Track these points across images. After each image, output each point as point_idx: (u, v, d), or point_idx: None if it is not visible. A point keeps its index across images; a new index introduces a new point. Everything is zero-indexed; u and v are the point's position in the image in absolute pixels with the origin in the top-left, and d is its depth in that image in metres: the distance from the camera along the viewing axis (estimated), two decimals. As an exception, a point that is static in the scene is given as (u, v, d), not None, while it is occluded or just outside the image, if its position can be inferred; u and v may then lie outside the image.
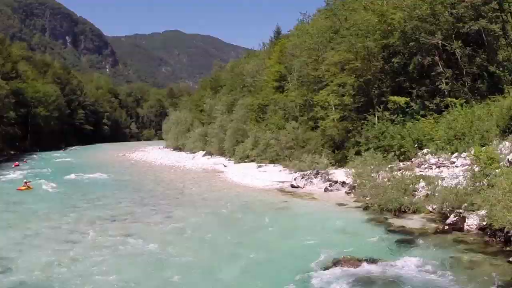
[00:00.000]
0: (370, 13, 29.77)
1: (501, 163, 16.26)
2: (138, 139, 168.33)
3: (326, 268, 10.78)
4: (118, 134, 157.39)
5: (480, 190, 13.66)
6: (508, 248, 11.23)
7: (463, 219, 13.72)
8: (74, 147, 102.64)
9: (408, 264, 10.80)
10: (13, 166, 44.96)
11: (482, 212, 13.25)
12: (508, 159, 16.56)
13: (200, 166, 41.40)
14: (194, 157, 51.60)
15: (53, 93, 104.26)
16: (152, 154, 64.10)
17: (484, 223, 12.91)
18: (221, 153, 47.18)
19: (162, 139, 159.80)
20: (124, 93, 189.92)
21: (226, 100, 52.59)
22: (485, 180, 14.78)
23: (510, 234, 11.24)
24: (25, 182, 28.64)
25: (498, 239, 11.96)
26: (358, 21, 29.89)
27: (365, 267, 10.60)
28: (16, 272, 11.96)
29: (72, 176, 34.04)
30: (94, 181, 32.06)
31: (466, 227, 13.54)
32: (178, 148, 68.04)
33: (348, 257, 11.14)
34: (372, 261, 10.98)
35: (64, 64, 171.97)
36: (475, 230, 13.19)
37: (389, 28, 28.85)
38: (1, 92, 70.36)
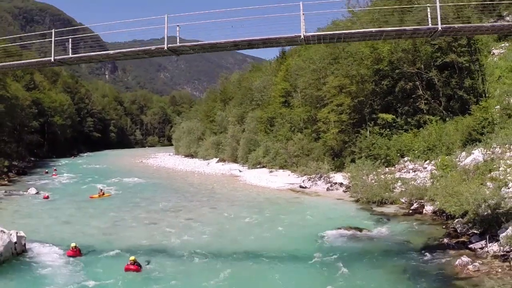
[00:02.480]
0: (363, 45, 36.38)
1: (458, 168, 22.78)
2: (143, 146, 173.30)
3: (329, 231, 17.49)
4: (124, 141, 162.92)
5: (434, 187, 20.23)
6: (446, 222, 17.73)
7: (422, 206, 20.35)
8: (85, 154, 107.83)
9: (382, 231, 17.48)
10: (52, 176, 47.46)
11: (436, 202, 19.78)
12: (461, 165, 23.06)
13: (218, 171, 47.86)
14: (208, 163, 57.94)
15: (66, 102, 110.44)
16: (168, 160, 70.42)
17: (437, 208, 19.45)
18: (234, 160, 53.50)
19: (165, 145, 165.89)
20: (128, 101, 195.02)
21: (237, 112, 59.06)
22: (442, 180, 21.32)
23: (448, 214, 17.71)
24: (101, 190, 31.61)
25: (442, 217, 18.52)
26: (354, 52, 36.48)
27: (355, 232, 17.34)
28: (124, 241, 18.01)
29: (114, 180, 40.05)
30: (136, 184, 38.27)
31: (424, 212, 20.15)
32: (190, 155, 74.11)
33: (345, 226, 17.83)
34: (360, 229, 17.77)
35: (71, 73, 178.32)
36: (430, 213, 19.77)
37: (379, 57, 35.47)
38: (25, 103, 76.44)
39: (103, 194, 30.84)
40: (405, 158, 30.48)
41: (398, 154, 31.18)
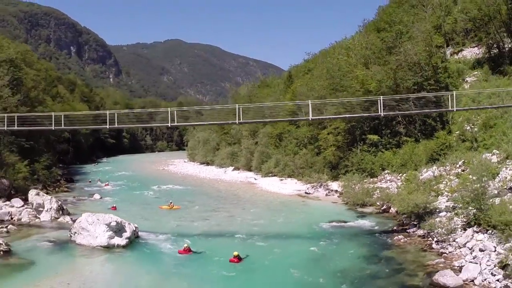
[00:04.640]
0: (355, 80, 46.09)
1: (417, 181, 32.41)
2: (152, 150, 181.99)
3: (326, 223, 27.31)
4: (135, 146, 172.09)
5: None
6: (399, 217, 27.36)
7: (389, 207, 30.10)
8: (103, 160, 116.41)
9: (361, 223, 27.39)
10: (104, 186, 52.40)
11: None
12: (420, 179, 32.67)
13: (237, 179, 57.47)
14: (225, 171, 67.43)
15: (85, 111, 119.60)
16: (188, 168, 79.92)
17: (397, 209, 29.08)
18: (248, 169, 62.99)
19: (173, 150, 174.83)
20: (138, 107, 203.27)
21: (249, 127, 68.66)
22: (403, 190, 30.96)
23: (400, 212, 27.29)
24: (170, 202, 35.61)
25: (399, 215, 28.16)
26: (347, 86, 46.17)
27: (342, 223, 27.31)
28: (193, 230, 27.48)
29: (155, 188, 49.03)
30: (176, 190, 47.55)
31: (390, 211, 29.87)
32: (205, 163, 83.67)
33: (336, 220, 27.73)
34: (346, 222, 27.72)
35: (86, 82, 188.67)
36: (393, 212, 29.51)
37: (368, 90, 45.13)
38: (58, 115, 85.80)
39: (173, 206, 35.14)
40: (386, 171, 40.05)
41: (381, 168, 40.67)
